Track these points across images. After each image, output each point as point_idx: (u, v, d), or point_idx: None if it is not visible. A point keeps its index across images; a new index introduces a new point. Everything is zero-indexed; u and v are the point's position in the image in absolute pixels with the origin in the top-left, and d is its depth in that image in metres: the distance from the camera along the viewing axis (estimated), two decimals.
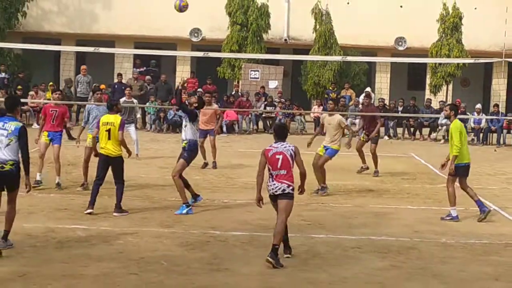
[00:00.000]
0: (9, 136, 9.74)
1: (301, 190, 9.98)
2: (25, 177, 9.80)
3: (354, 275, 9.16)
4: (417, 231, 11.78)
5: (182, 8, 17.18)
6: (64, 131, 15.39)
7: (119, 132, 12.33)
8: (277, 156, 9.64)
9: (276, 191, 9.61)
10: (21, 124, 9.95)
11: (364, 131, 18.05)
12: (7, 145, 9.71)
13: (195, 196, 13.01)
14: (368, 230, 11.69)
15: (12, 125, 9.82)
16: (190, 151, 12.82)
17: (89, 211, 12.06)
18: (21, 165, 9.79)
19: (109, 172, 12.40)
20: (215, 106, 19.48)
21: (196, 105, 13.43)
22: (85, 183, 14.21)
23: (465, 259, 10.21)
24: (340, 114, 15.88)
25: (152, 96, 26.77)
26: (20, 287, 8.21)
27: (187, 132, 12.94)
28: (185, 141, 12.86)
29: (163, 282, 8.60)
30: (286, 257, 9.81)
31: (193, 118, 13.01)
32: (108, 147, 12.33)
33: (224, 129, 25.75)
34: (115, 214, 12.14)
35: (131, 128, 19.25)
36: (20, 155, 9.81)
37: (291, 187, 9.62)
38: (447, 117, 13.62)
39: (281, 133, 9.98)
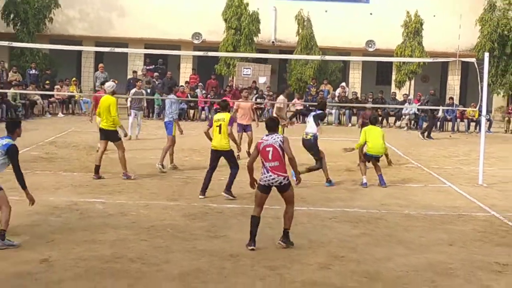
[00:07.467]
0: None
1: (297, 178, 9.28)
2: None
3: (330, 241, 9.19)
4: (384, 204, 11.81)
5: None
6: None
7: (228, 127, 11.90)
8: (267, 149, 8.75)
9: (272, 183, 8.69)
10: (12, 143, 8.50)
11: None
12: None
13: None
14: (343, 203, 11.73)
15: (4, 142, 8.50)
16: None
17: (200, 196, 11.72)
18: None
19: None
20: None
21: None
22: None
23: (425, 227, 10.25)
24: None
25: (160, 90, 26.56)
26: (48, 251, 8.19)
27: None
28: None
29: (169, 247, 8.60)
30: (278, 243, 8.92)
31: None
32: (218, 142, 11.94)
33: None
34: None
35: (140, 114, 19.53)
36: None
37: (286, 179, 8.73)
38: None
39: (272, 125, 9.10)
